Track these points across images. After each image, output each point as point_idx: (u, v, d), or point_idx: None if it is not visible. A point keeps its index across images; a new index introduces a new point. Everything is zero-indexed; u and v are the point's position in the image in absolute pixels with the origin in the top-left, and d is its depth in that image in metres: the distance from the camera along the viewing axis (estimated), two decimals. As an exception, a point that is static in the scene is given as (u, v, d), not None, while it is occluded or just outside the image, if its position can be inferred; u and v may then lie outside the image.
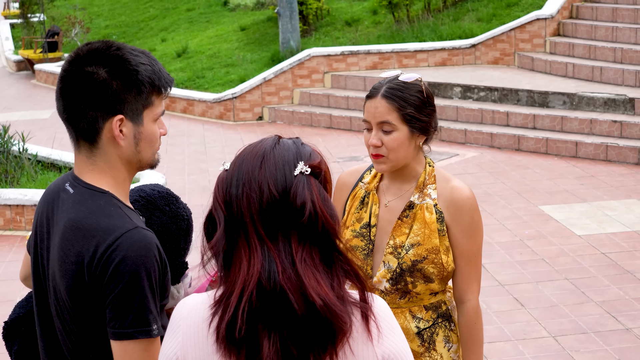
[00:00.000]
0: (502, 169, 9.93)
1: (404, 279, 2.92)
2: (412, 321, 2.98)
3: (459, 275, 2.98)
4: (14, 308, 2.64)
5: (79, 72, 2.26)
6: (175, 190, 2.74)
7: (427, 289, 2.96)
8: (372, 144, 2.91)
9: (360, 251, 3.00)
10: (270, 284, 1.81)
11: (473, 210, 2.95)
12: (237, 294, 1.82)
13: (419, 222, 2.94)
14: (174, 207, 2.62)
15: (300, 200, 1.83)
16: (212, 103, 13.78)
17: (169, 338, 1.93)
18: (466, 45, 13.61)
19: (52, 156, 9.93)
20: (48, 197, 2.39)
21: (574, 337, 5.67)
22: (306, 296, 1.80)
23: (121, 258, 2.16)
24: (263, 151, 1.89)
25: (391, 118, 2.88)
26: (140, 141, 2.32)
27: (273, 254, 1.83)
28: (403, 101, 2.89)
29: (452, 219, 2.94)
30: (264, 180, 1.85)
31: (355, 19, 16.08)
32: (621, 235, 7.56)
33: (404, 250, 2.92)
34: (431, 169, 3.01)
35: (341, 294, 1.84)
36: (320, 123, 12.81)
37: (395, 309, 2.98)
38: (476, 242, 2.97)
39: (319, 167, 1.90)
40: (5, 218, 8.37)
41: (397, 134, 2.90)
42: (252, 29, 17.07)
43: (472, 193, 2.98)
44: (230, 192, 1.87)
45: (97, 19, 21.82)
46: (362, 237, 3.01)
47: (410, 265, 2.91)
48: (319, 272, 1.83)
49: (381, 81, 2.96)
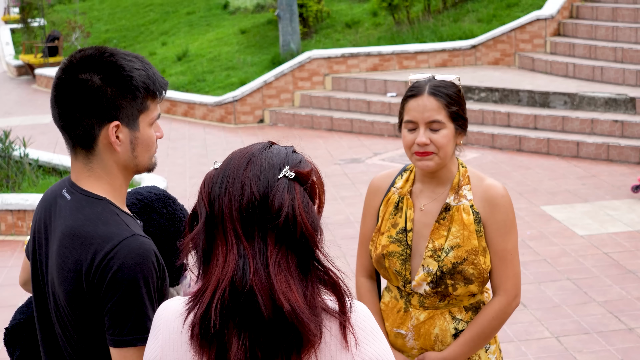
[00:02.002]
0: (504, 170, 9.92)
1: (444, 281, 2.91)
2: (452, 322, 2.97)
3: (494, 274, 2.96)
4: (15, 314, 2.63)
5: (73, 79, 2.26)
6: (176, 194, 2.73)
7: (467, 291, 2.94)
8: (421, 142, 2.89)
9: (397, 257, 2.98)
10: (242, 282, 1.81)
11: (508, 207, 2.95)
12: (211, 290, 1.83)
13: (457, 224, 2.93)
14: (171, 209, 2.62)
15: (278, 203, 1.83)
16: (213, 106, 13.78)
17: (150, 341, 1.95)
18: (466, 46, 13.61)
19: (53, 161, 9.93)
20: (46, 203, 2.39)
21: (577, 338, 5.66)
22: (275, 300, 1.79)
23: (119, 266, 2.16)
24: (252, 153, 1.89)
25: (441, 116, 2.90)
26: (136, 146, 2.32)
27: (248, 253, 1.83)
28: (449, 98, 2.91)
29: (488, 217, 2.93)
30: (247, 180, 1.85)
31: (355, 21, 16.08)
32: (623, 235, 7.56)
33: (443, 252, 2.91)
34: (464, 169, 3.01)
35: (313, 303, 1.83)
36: (321, 125, 12.81)
37: (434, 310, 2.97)
38: (512, 239, 2.96)
39: (306, 175, 1.89)
40: (7, 223, 8.38)
41: (445, 131, 2.91)
42: (252, 32, 17.07)
43: (507, 191, 2.98)
44: (214, 188, 1.88)
45: (97, 23, 21.84)
46: (399, 243, 2.99)
47: (450, 268, 2.89)
48: (292, 278, 1.82)
49: (419, 81, 2.96)
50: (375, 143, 11.70)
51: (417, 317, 2.98)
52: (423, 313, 2.98)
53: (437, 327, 2.96)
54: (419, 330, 2.98)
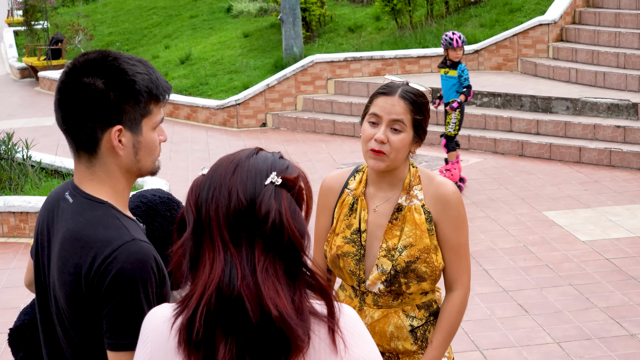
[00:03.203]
0: (506, 175, 9.92)
1: (398, 280, 2.99)
2: (406, 319, 3.04)
3: (449, 268, 3.06)
4: (19, 315, 2.65)
5: (76, 83, 2.26)
6: (178, 197, 2.73)
7: (419, 289, 3.02)
8: (378, 138, 2.97)
9: (351, 257, 3.05)
10: (229, 289, 1.82)
11: (459, 203, 3.05)
12: (197, 296, 1.84)
13: (409, 224, 3.01)
14: (176, 213, 2.62)
15: (265, 209, 1.84)
16: (216, 110, 13.79)
17: (139, 348, 1.96)
18: (469, 51, 13.61)
19: (55, 163, 9.94)
20: (49, 205, 2.40)
21: (579, 343, 5.65)
22: (262, 305, 1.80)
23: (118, 270, 2.17)
24: (238, 159, 1.91)
25: (405, 119, 2.97)
26: (139, 150, 2.32)
27: (235, 260, 1.84)
28: (417, 106, 3.00)
29: (440, 214, 3.03)
30: (234, 187, 1.87)
31: (358, 25, 16.09)
32: (625, 241, 7.55)
33: (397, 252, 2.99)
34: (415, 169, 3.10)
35: (301, 308, 1.84)
36: (323, 129, 12.82)
37: (388, 309, 3.04)
38: (464, 234, 3.06)
39: (293, 181, 1.90)
40: (10, 225, 8.38)
41: (404, 135, 2.99)
42: (255, 36, 17.09)
43: (456, 187, 3.08)
44: (202, 195, 1.90)
45: (101, 26, 21.87)
46: (353, 243, 3.06)
47: (404, 267, 2.97)
48: (280, 284, 1.83)
49: (394, 82, 3.04)
50: (378, 147, 11.69)
51: (371, 315, 3.06)
52: (377, 312, 3.05)
53: (392, 324, 3.04)
54: (374, 328, 3.05)
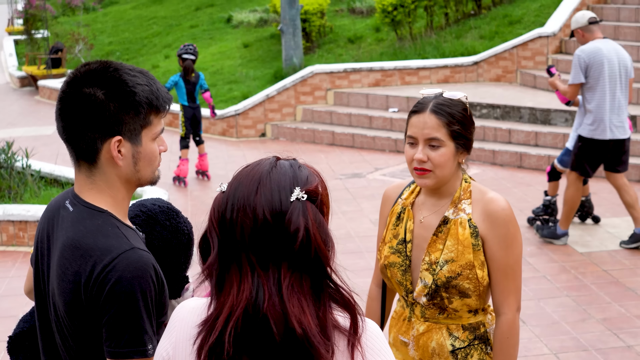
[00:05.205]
0: (504, 186, 9.94)
1: (440, 294, 2.93)
2: (448, 339, 2.98)
3: (496, 289, 2.95)
4: (18, 322, 2.66)
5: (77, 93, 2.28)
6: (177, 207, 2.75)
7: (464, 305, 2.95)
8: (418, 158, 2.91)
9: (398, 267, 3.01)
10: (256, 310, 1.82)
11: (508, 221, 2.93)
12: (224, 317, 1.84)
13: (452, 238, 2.93)
14: (175, 222, 2.63)
15: (294, 227, 1.83)
16: (215, 120, 13.82)
17: (165, 336, 1.98)
18: (468, 63, 13.65)
19: (55, 172, 9.95)
20: (49, 214, 2.42)
21: (576, 355, 5.66)
22: (287, 323, 1.81)
23: (117, 279, 2.18)
24: (259, 175, 1.89)
25: (440, 134, 2.90)
26: (139, 161, 2.34)
27: (262, 280, 1.84)
28: (451, 117, 2.91)
29: (488, 231, 2.92)
30: (259, 206, 1.86)
31: (358, 36, 16.13)
32: (623, 253, 7.57)
33: (438, 266, 2.93)
34: (467, 184, 3.01)
35: (325, 324, 1.84)
36: (322, 140, 12.84)
37: (434, 323, 3.00)
38: (513, 254, 2.94)
39: (315, 191, 1.90)
40: (9, 234, 8.39)
41: (444, 149, 2.91)
42: (255, 46, 17.13)
43: (508, 204, 2.97)
44: (225, 215, 1.89)
45: (101, 35, 21.91)
46: (399, 254, 3.02)
47: (444, 282, 2.91)
48: (305, 300, 1.83)
49: (426, 97, 2.97)
50: (377, 158, 11.73)
51: (417, 327, 3.02)
52: (423, 325, 3.01)
53: (434, 340, 2.99)
54: (418, 341, 3.02)
